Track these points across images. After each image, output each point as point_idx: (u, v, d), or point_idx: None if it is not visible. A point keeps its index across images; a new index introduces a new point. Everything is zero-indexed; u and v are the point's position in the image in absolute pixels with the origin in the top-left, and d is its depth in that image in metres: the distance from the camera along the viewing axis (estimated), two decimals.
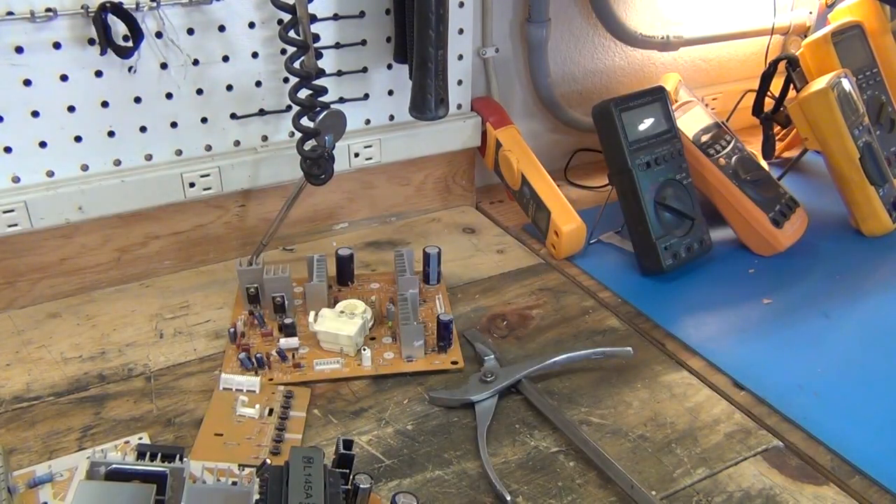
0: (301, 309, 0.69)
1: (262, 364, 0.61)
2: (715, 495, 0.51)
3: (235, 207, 0.77)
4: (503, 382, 0.60)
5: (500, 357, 0.64)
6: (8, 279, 0.69)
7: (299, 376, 0.61)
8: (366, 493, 0.45)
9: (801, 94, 0.81)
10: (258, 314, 0.66)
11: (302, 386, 0.60)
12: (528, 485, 0.52)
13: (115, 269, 0.74)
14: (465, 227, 0.86)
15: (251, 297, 0.68)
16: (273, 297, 0.66)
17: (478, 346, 0.65)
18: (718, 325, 0.69)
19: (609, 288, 0.74)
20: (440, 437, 0.56)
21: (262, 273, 0.67)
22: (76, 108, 0.66)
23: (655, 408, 0.59)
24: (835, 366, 0.64)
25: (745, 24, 1.06)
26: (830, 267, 0.78)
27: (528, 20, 0.89)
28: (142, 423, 0.57)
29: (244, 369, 0.61)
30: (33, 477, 0.50)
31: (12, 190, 0.66)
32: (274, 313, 0.67)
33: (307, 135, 0.69)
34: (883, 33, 0.94)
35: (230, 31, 0.69)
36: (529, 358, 0.64)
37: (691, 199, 0.78)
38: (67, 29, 0.63)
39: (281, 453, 0.53)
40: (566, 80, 0.98)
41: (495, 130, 0.84)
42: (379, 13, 0.75)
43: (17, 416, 0.57)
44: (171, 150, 0.72)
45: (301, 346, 0.64)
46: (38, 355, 0.64)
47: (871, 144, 0.82)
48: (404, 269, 0.69)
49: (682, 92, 0.92)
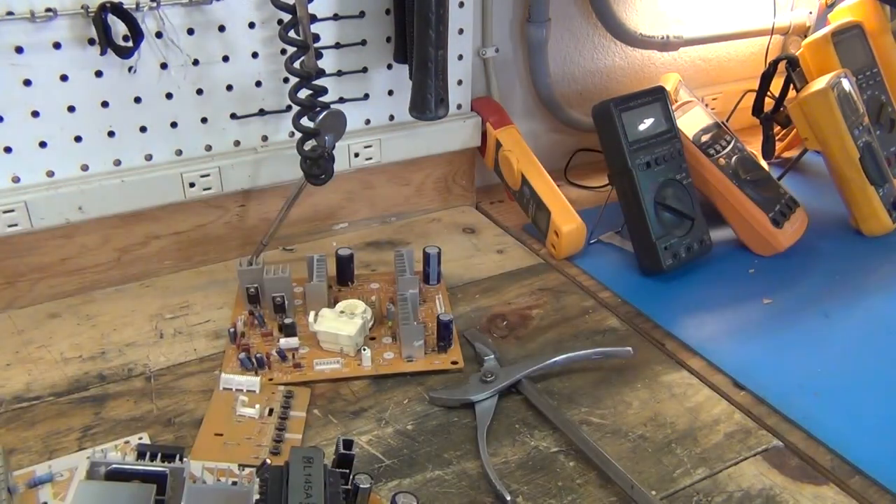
0: (301, 309, 0.69)
1: (262, 364, 0.61)
2: (715, 495, 0.51)
3: (235, 207, 0.77)
4: (503, 382, 0.60)
5: (500, 357, 0.64)
6: (8, 279, 0.69)
7: (299, 376, 0.61)
8: (366, 493, 0.45)
9: (801, 94, 0.81)
10: (258, 314, 0.66)
11: (302, 386, 0.60)
12: (528, 485, 0.52)
13: (115, 269, 0.74)
14: (465, 227, 0.86)
15: (251, 297, 0.68)
16: (273, 297, 0.66)
17: (478, 346, 0.65)
18: (718, 325, 0.69)
19: (609, 288, 0.74)
20: (440, 437, 0.56)
21: (262, 273, 0.67)
22: (76, 108, 0.66)
23: (655, 408, 0.59)
24: (835, 366, 0.64)
25: (745, 24, 1.06)
26: (830, 267, 0.78)
27: (528, 20, 0.89)
28: (142, 423, 0.57)
29: (244, 369, 0.61)
30: (33, 477, 0.50)
31: (12, 190, 0.66)
32: (274, 313, 0.67)
33: (307, 135, 0.69)
34: (883, 33, 0.94)
35: (230, 31, 0.69)
36: (529, 358, 0.64)
37: (691, 199, 0.78)
38: (67, 29, 0.63)
39: (281, 453, 0.53)
40: (566, 80, 0.98)
41: (495, 130, 0.84)
42: (379, 13, 0.75)
43: (17, 416, 0.57)
44: (171, 150, 0.72)
45: (301, 346, 0.64)
46: (38, 355, 0.64)
47: (871, 144, 0.82)
48: (404, 269, 0.69)
49: (682, 92, 0.92)
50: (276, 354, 0.62)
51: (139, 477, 0.40)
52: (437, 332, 0.64)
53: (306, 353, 0.63)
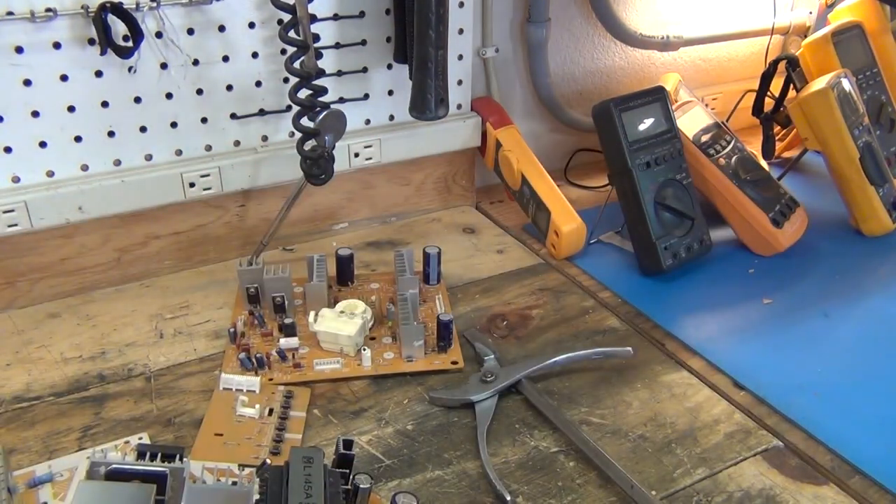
0: (301, 309, 0.69)
1: (262, 364, 0.61)
2: (715, 495, 0.51)
3: (235, 207, 0.77)
4: (503, 382, 0.60)
5: (500, 357, 0.64)
6: (8, 279, 0.69)
7: (299, 376, 0.61)
8: (366, 493, 0.45)
9: (801, 94, 0.81)
10: (258, 314, 0.66)
11: (302, 386, 0.60)
12: (528, 485, 0.52)
13: (115, 269, 0.74)
14: (465, 227, 0.86)
15: (251, 297, 0.68)
16: (273, 297, 0.66)
17: (478, 346, 0.65)
18: (718, 325, 0.69)
19: (609, 288, 0.74)
20: (440, 437, 0.56)
21: (262, 273, 0.67)
22: (76, 108, 0.66)
23: (655, 408, 0.59)
24: (835, 366, 0.64)
25: (745, 24, 1.06)
26: (830, 267, 0.78)
27: (528, 20, 0.89)
28: (142, 423, 0.57)
29: (244, 369, 0.61)
30: (33, 477, 0.50)
31: (12, 190, 0.66)
32: (274, 313, 0.67)
33: (307, 135, 0.69)
34: (883, 33, 0.94)
35: (230, 31, 0.69)
36: (529, 358, 0.64)
37: (691, 199, 0.78)
38: (67, 29, 0.63)
39: (281, 453, 0.53)
40: (566, 80, 0.98)
41: (495, 130, 0.84)
42: (379, 13, 0.75)
43: (17, 416, 0.57)
44: (171, 150, 0.72)
45: (301, 346, 0.64)
46: (38, 355, 0.64)
47: (871, 144, 0.82)
48: (404, 269, 0.69)
49: (682, 92, 0.92)
50: (276, 354, 0.62)
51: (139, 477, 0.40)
52: (437, 332, 0.64)
53: (306, 353, 0.63)
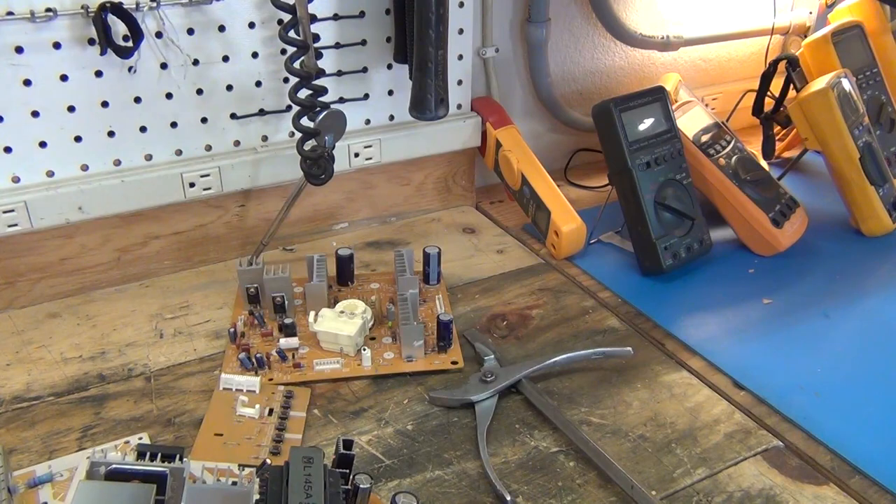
0: (301, 309, 0.69)
1: (262, 364, 0.61)
2: (715, 495, 0.51)
3: (235, 207, 0.77)
4: (503, 382, 0.60)
5: (500, 357, 0.64)
6: (8, 279, 0.69)
7: (299, 376, 0.61)
8: (366, 493, 0.45)
9: (801, 94, 0.81)
10: (258, 314, 0.66)
11: (302, 386, 0.60)
12: (528, 485, 0.52)
13: (115, 269, 0.74)
14: (465, 227, 0.86)
15: (251, 297, 0.68)
16: (273, 297, 0.66)
17: (478, 346, 0.65)
18: (718, 325, 0.69)
19: (609, 288, 0.74)
20: (440, 437, 0.56)
21: (262, 273, 0.67)
22: (76, 108, 0.66)
23: (655, 408, 0.59)
24: (835, 366, 0.64)
25: (745, 24, 1.06)
26: (830, 267, 0.78)
27: (528, 20, 0.89)
28: (142, 423, 0.57)
29: (244, 369, 0.61)
30: (33, 477, 0.50)
31: (12, 190, 0.66)
32: (274, 313, 0.67)
33: (307, 135, 0.69)
34: (883, 33, 0.94)
35: (230, 31, 0.69)
36: (529, 358, 0.64)
37: (691, 199, 0.78)
38: (67, 29, 0.63)
39: (281, 453, 0.53)
40: (566, 80, 0.98)
41: (495, 130, 0.84)
42: (379, 13, 0.75)
43: (17, 416, 0.57)
44: (171, 150, 0.72)
45: (301, 346, 0.64)
46: (38, 355, 0.64)
47: (871, 144, 0.82)
48: (404, 269, 0.69)
49: (682, 92, 0.92)
50: (276, 354, 0.62)
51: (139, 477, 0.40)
52: (437, 332, 0.64)
53: (306, 353, 0.63)
